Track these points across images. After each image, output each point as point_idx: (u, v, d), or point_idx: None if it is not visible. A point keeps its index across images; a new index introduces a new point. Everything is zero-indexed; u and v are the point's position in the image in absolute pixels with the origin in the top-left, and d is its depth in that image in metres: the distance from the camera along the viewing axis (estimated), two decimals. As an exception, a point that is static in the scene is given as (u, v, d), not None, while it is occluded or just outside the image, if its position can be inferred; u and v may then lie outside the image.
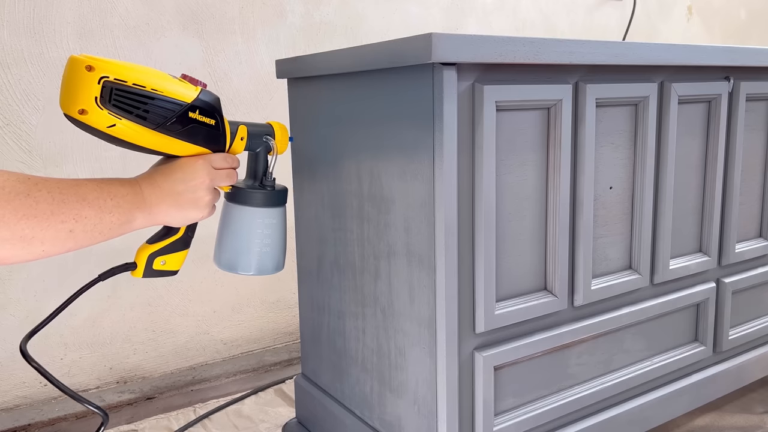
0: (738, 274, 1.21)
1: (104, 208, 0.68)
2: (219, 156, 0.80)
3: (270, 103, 1.64)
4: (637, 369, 1.08)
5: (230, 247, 0.85)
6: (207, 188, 0.78)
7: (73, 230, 0.65)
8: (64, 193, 0.65)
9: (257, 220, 0.85)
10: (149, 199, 0.74)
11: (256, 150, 0.85)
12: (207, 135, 0.78)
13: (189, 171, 0.76)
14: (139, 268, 0.82)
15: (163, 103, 0.73)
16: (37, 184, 0.62)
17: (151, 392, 1.50)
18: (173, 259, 0.83)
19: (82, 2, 1.39)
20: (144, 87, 0.71)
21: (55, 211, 0.63)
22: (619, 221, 1.02)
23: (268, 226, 0.85)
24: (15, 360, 1.41)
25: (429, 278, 0.86)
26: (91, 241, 0.68)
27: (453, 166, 0.82)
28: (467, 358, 0.90)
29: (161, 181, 0.75)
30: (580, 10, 2.21)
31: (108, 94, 0.69)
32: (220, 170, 0.79)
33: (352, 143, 0.98)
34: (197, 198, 0.77)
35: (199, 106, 0.75)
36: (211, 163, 0.78)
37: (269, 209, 0.85)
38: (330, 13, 1.71)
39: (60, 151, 1.40)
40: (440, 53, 0.77)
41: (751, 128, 1.17)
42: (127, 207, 0.71)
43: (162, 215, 0.75)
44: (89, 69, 0.68)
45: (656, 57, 0.97)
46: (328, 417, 1.14)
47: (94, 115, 0.69)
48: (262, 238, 0.85)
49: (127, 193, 0.71)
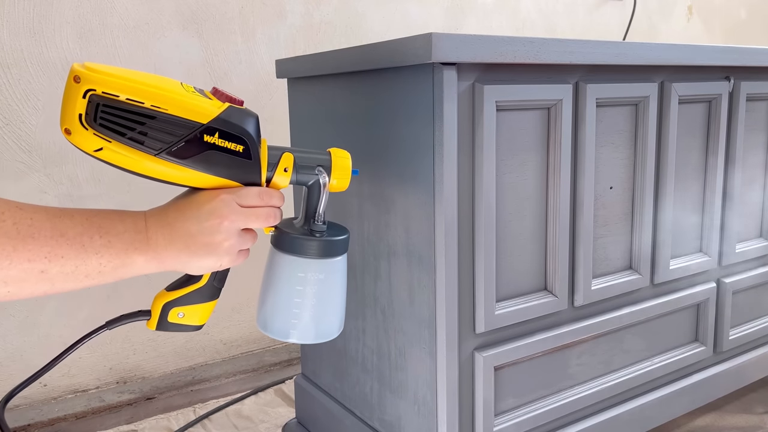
0: (738, 274, 1.21)
1: (89, 248, 0.57)
2: (251, 191, 0.65)
3: (270, 103, 1.64)
4: (638, 369, 1.08)
5: (269, 303, 0.71)
6: (227, 230, 0.63)
7: (46, 271, 0.54)
8: (35, 225, 0.54)
9: (299, 274, 0.68)
10: (155, 240, 0.61)
11: (307, 184, 0.70)
12: (231, 164, 0.63)
13: (207, 208, 0.62)
14: (153, 317, 0.69)
15: (166, 124, 0.60)
16: (2, 213, 0.52)
17: (151, 392, 1.50)
18: (194, 311, 0.69)
19: (82, 2, 1.39)
20: (142, 103, 0.59)
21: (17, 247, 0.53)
22: (620, 221, 1.02)
23: (314, 282, 0.69)
24: (15, 360, 1.41)
25: (429, 278, 0.86)
26: (77, 285, 0.57)
27: (453, 166, 0.82)
28: (467, 358, 0.90)
29: (173, 219, 0.62)
30: (580, 10, 2.21)
31: (93, 110, 0.57)
32: (250, 209, 0.64)
33: (352, 143, 0.98)
34: (215, 242, 0.62)
35: (218, 128, 0.61)
36: (238, 200, 0.64)
37: (315, 261, 0.69)
38: (330, 13, 1.71)
39: (60, 151, 1.40)
40: (440, 53, 0.77)
41: (751, 128, 1.17)
42: (122, 248, 0.59)
43: (172, 260, 0.62)
44: (76, 80, 0.57)
45: (656, 57, 0.97)
46: (328, 417, 1.14)
47: (78, 135, 0.58)
48: (304, 298, 0.69)
49: (125, 231, 0.59)
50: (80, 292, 1.41)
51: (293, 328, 0.70)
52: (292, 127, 1.15)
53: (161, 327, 0.69)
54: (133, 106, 0.58)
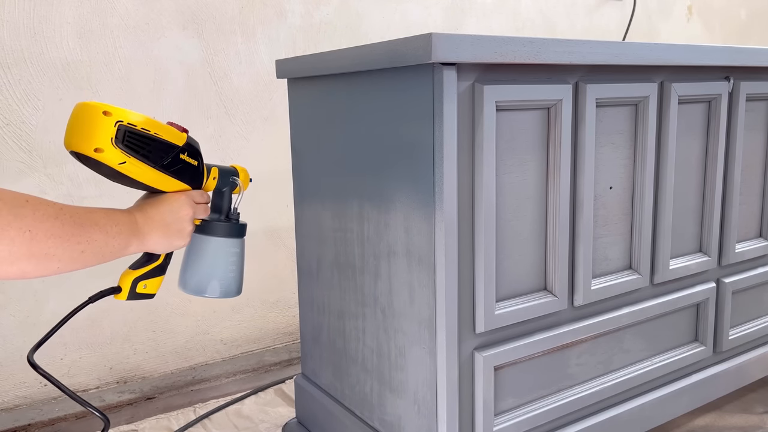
0: (738, 274, 1.21)
1: (110, 233, 0.76)
2: (198, 192, 0.90)
3: (270, 103, 1.64)
4: (637, 369, 1.08)
5: (199, 274, 0.95)
6: (189, 219, 0.87)
7: (84, 251, 0.72)
8: (81, 217, 0.72)
9: (225, 249, 0.95)
10: (143, 229, 0.82)
11: (223, 188, 0.97)
12: (191, 174, 0.88)
13: (176, 204, 0.86)
14: (124, 291, 0.90)
15: (162, 146, 0.83)
16: (62, 209, 0.70)
17: (151, 392, 1.50)
18: (153, 283, 0.92)
19: (82, 2, 1.39)
20: (149, 131, 0.82)
21: (75, 233, 0.71)
22: (619, 221, 1.02)
23: (233, 254, 0.95)
24: (15, 360, 1.41)
25: (429, 278, 0.86)
26: (95, 262, 0.75)
27: (453, 166, 0.82)
28: (467, 358, 0.90)
29: (152, 213, 0.84)
30: (580, 10, 2.21)
31: (122, 135, 0.79)
32: (199, 204, 0.90)
33: (351, 143, 0.98)
34: (182, 228, 0.87)
35: (187, 149, 0.87)
36: (193, 198, 0.89)
37: (235, 239, 0.96)
38: (330, 13, 1.71)
39: (60, 150, 1.40)
40: (440, 53, 0.77)
41: (751, 128, 1.17)
42: (127, 234, 0.79)
43: (151, 243, 0.83)
44: (106, 114, 0.79)
45: (656, 57, 0.97)
46: (328, 417, 1.14)
47: (108, 153, 0.79)
48: (227, 265, 0.95)
49: (128, 222, 0.80)
50: (80, 292, 1.41)
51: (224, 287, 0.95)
52: (292, 127, 1.15)
53: (131, 297, 0.90)
54: (145, 133, 0.81)
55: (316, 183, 1.10)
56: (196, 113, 1.55)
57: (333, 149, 1.04)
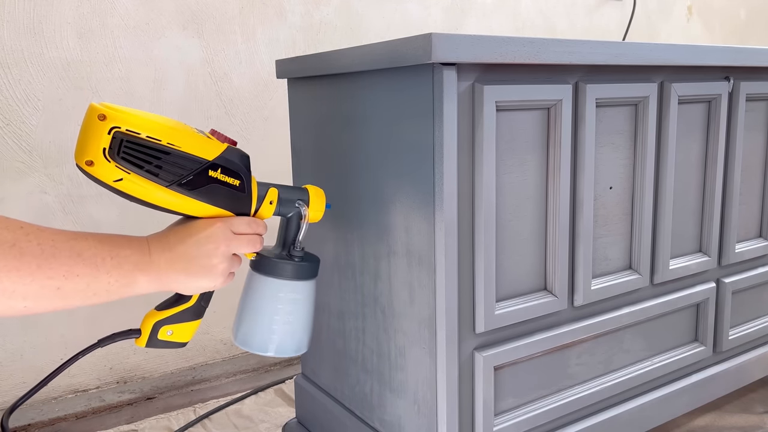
0: (738, 274, 1.21)
1: (101, 267, 0.62)
2: (241, 220, 0.73)
3: (270, 103, 1.64)
4: (637, 369, 1.08)
5: (248, 321, 0.78)
6: (223, 255, 0.70)
7: (62, 288, 0.59)
8: (56, 246, 0.59)
9: (279, 294, 0.77)
10: (157, 262, 0.67)
11: (287, 215, 0.79)
12: (228, 196, 0.72)
13: (204, 234, 0.70)
14: (143, 335, 0.75)
15: (178, 159, 0.67)
16: (27, 234, 0.57)
17: (151, 392, 1.50)
18: (182, 329, 0.75)
19: (82, 2, 1.39)
20: (159, 140, 0.66)
21: (42, 265, 0.57)
22: (619, 221, 1.02)
23: (290, 301, 0.77)
24: (15, 360, 1.41)
25: (429, 278, 0.86)
26: (85, 302, 0.62)
27: (453, 166, 0.82)
28: (467, 358, 0.90)
29: (174, 243, 0.69)
30: (580, 10, 2.21)
31: (117, 145, 0.64)
32: (240, 236, 0.73)
33: (351, 143, 0.98)
34: (211, 265, 0.70)
35: (221, 164, 0.70)
36: (231, 228, 0.72)
37: (293, 282, 0.77)
38: (330, 13, 1.71)
39: (60, 150, 1.40)
40: (440, 53, 0.77)
41: (751, 128, 1.17)
42: (129, 268, 0.65)
43: (170, 281, 0.68)
44: (101, 118, 0.64)
45: (656, 57, 0.97)
46: (328, 417, 1.14)
47: (100, 167, 0.65)
48: (282, 315, 0.77)
49: (132, 254, 0.66)
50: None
51: (272, 343, 0.78)
52: (292, 127, 1.15)
53: (151, 344, 0.75)
54: (152, 142, 0.66)
55: (316, 183, 1.10)
56: (196, 113, 1.55)
57: (333, 149, 1.04)
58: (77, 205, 1.43)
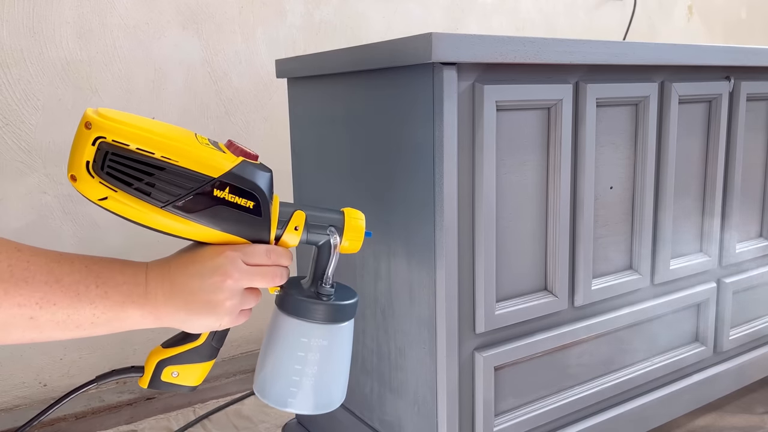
0: (738, 274, 1.21)
1: (83, 297, 0.54)
2: (258, 249, 0.62)
3: (270, 103, 1.64)
4: (638, 369, 1.08)
5: (268, 367, 0.66)
6: (231, 289, 0.60)
7: (35, 318, 0.52)
8: (31, 269, 0.51)
9: (302, 339, 0.64)
10: (154, 294, 0.58)
11: (317, 244, 0.66)
12: (239, 220, 0.60)
13: (211, 265, 0.59)
14: (146, 375, 0.66)
15: (175, 176, 0.57)
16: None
17: (150, 392, 1.50)
18: (189, 371, 0.65)
19: (82, 2, 1.39)
20: (152, 153, 0.56)
21: (9, 291, 0.50)
22: (620, 221, 1.02)
23: (317, 349, 0.64)
24: (15, 360, 1.41)
25: (429, 278, 0.86)
26: (66, 334, 0.54)
27: (453, 166, 0.82)
28: (467, 359, 0.89)
29: (175, 273, 0.59)
30: (580, 10, 2.21)
31: (102, 158, 0.55)
32: (255, 267, 0.62)
33: (351, 143, 0.98)
34: (216, 301, 0.59)
35: (229, 182, 0.59)
36: (245, 257, 0.61)
37: (320, 326, 0.64)
38: (330, 13, 1.70)
39: (60, 150, 1.40)
40: (440, 53, 0.77)
41: (752, 128, 1.17)
42: (118, 299, 0.56)
43: (168, 317, 0.59)
44: (87, 126, 0.55)
45: (656, 57, 0.97)
46: (328, 417, 1.14)
47: (83, 183, 0.56)
48: (306, 365, 0.64)
49: (124, 283, 0.57)
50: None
51: (291, 397, 0.65)
52: (292, 127, 1.15)
53: (154, 385, 0.67)
54: (143, 156, 0.56)
55: (316, 183, 1.10)
56: (196, 113, 1.55)
57: (333, 149, 1.04)
58: (77, 205, 1.43)
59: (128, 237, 1.47)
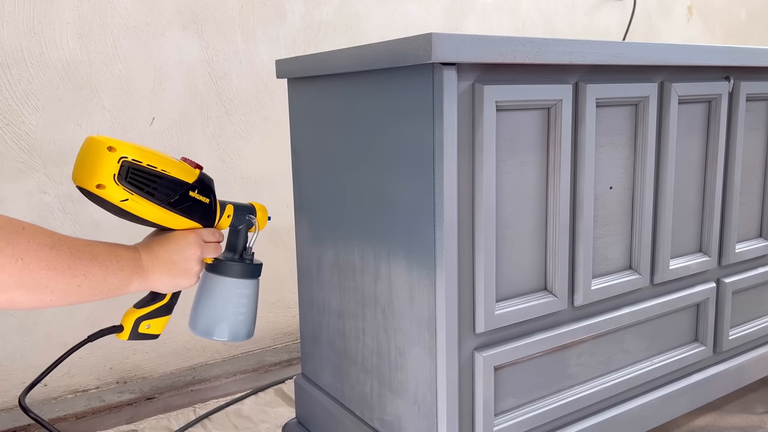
0: (738, 274, 1.21)
1: (110, 269, 0.73)
2: (208, 231, 0.88)
3: (270, 103, 1.64)
4: (637, 369, 1.08)
5: (207, 314, 0.92)
6: (197, 259, 0.85)
7: (81, 285, 0.69)
8: (80, 250, 0.69)
9: (235, 290, 0.91)
10: (146, 266, 0.80)
11: (238, 227, 0.93)
12: (202, 212, 0.86)
13: (183, 243, 0.83)
14: (125, 330, 0.88)
15: (169, 183, 0.81)
16: (60, 240, 0.67)
17: (151, 392, 1.50)
18: (157, 323, 0.89)
19: (82, 2, 1.39)
20: (155, 167, 0.80)
21: (70, 266, 0.68)
22: (619, 221, 1.02)
23: (244, 296, 0.92)
24: (15, 360, 1.41)
25: (429, 278, 0.86)
26: (92, 298, 0.72)
27: (453, 166, 0.82)
28: (467, 358, 0.90)
29: (158, 251, 0.82)
30: (580, 10, 2.21)
31: (125, 172, 0.77)
32: (208, 243, 0.87)
33: (351, 143, 0.98)
34: (189, 268, 0.84)
35: (198, 186, 0.85)
36: (202, 237, 0.86)
37: (246, 281, 0.92)
38: (330, 13, 1.71)
39: (60, 151, 1.40)
40: (440, 53, 0.77)
41: (751, 128, 1.17)
42: (128, 271, 0.76)
43: (155, 282, 0.81)
44: (110, 149, 0.77)
45: (656, 57, 0.97)
46: (328, 417, 1.14)
47: (110, 189, 0.77)
48: (238, 307, 0.91)
49: (130, 258, 0.77)
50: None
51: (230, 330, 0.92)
52: (292, 127, 1.15)
53: (132, 337, 0.88)
54: (150, 169, 0.80)
55: (316, 183, 1.10)
56: (196, 113, 1.55)
57: (333, 149, 1.04)
58: (77, 205, 1.43)
59: (126, 236, 1.47)
